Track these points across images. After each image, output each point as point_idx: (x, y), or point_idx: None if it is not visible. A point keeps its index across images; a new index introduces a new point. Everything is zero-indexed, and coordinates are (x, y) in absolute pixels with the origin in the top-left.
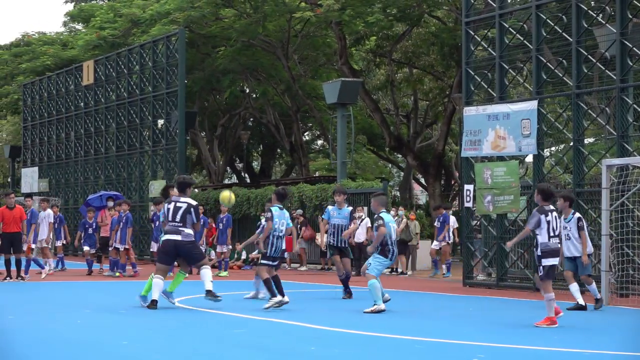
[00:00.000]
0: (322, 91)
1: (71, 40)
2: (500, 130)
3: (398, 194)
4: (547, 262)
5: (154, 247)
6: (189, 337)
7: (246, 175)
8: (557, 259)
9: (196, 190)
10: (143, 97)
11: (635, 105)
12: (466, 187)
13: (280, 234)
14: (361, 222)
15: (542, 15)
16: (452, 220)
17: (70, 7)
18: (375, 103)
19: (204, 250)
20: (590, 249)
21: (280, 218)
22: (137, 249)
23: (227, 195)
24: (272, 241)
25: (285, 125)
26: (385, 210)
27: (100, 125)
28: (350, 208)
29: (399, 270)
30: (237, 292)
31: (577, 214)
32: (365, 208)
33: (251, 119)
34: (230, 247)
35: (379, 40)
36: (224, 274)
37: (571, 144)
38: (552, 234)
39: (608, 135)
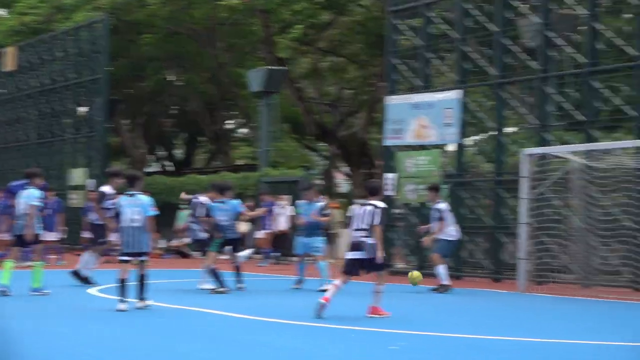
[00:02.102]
0: (247, 79)
1: None
2: (423, 120)
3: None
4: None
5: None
6: (128, 330)
7: (169, 163)
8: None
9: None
10: (66, 84)
11: (556, 96)
12: (387, 175)
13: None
14: (284, 210)
15: (466, 5)
16: None
17: None
18: (299, 91)
19: None
20: (446, 236)
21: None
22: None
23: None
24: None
25: (209, 114)
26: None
27: (22, 112)
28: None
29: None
30: (158, 281)
31: (442, 204)
32: (288, 196)
33: (175, 107)
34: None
35: (304, 29)
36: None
37: (493, 133)
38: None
39: (529, 124)
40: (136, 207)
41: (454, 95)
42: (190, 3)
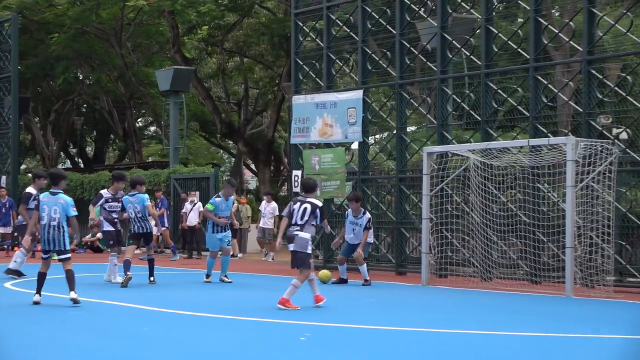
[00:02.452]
0: (155, 79)
1: None
2: (327, 118)
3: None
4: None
5: None
6: (23, 319)
7: (80, 160)
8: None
9: (29, 175)
10: None
11: (454, 96)
12: (294, 172)
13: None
14: (194, 206)
15: (367, 8)
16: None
17: None
18: (207, 91)
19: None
20: (370, 240)
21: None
22: None
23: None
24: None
25: (118, 112)
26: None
27: None
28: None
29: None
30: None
31: (368, 215)
32: (198, 192)
33: (85, 105)
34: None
35: (210, 30)
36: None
37: (394, 132)
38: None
39: (429, 124)
40: (57, 206)
41: (356, 95)
42: (98, 4)
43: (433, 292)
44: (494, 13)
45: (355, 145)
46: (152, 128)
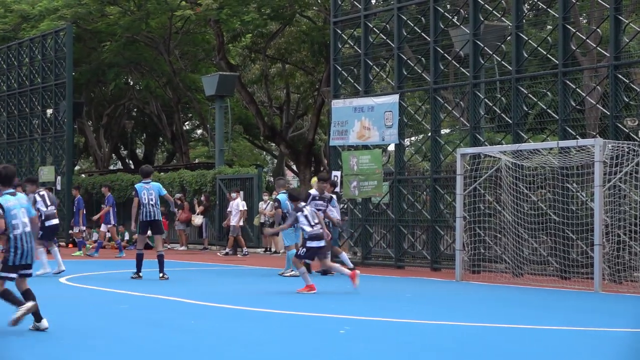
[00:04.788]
0: (202, 84)
1: None
2: (365, 121)
3: (272, 179)
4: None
5: None
6: (73, 311)
7: (130, 162)
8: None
9: (83, 175)
10: (32, 88)
11: (486, 100)
12: (334, 173)
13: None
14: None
15: (403, 16)
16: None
17: None
18: (250, 95)
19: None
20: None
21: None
22: None
23: None
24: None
25: (167, 116)
26: (283, 192)
27: None
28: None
29: (273, 249)
30: (127, 270)
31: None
32: (242, 192)
33: (135, 109)
34: (84, 227)
35: (254, 38)
36: (77, 253)
37: (429, 134)
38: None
39: (462, 126)
40: (23, 208)
41: (393, 99)
42: (148, 13)
43: (467, 288)
44: (524, 21)
45: (391, 147)
46: (199, 131)
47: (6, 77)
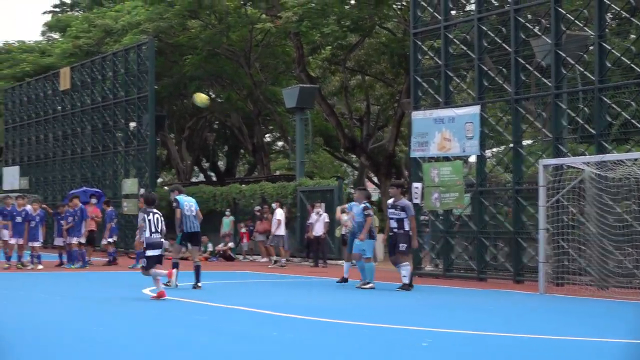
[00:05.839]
0: (282, 96)
1: (49, 48)
2: (445, 133)
3: (352, 191)
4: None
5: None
6: (157, 322)
7: (212, 173)
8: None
9: (165, 188)
10: (116, 101)
11: (569, 110)
12: (414, 184)
13: None
14: (320, 216)
15: (483, 27)
16: None
17: (48, 17)
18: (330, 107)
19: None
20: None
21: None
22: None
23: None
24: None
25: (248, 128)
26: (366, 202)
27: (77, 127)
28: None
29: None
30: (208, 282)
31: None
32: (323, 204)
33: (216, 122)
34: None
35: (333, 50)
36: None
37: (511, 145)
38: (153, 230)
39: (544, 137)
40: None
41: (474, 110)
42: (228, 27)
43: (551, 300)
44: (607, 30)
45: (472, 159)
46: (280, 143)
47: (90, 91)
